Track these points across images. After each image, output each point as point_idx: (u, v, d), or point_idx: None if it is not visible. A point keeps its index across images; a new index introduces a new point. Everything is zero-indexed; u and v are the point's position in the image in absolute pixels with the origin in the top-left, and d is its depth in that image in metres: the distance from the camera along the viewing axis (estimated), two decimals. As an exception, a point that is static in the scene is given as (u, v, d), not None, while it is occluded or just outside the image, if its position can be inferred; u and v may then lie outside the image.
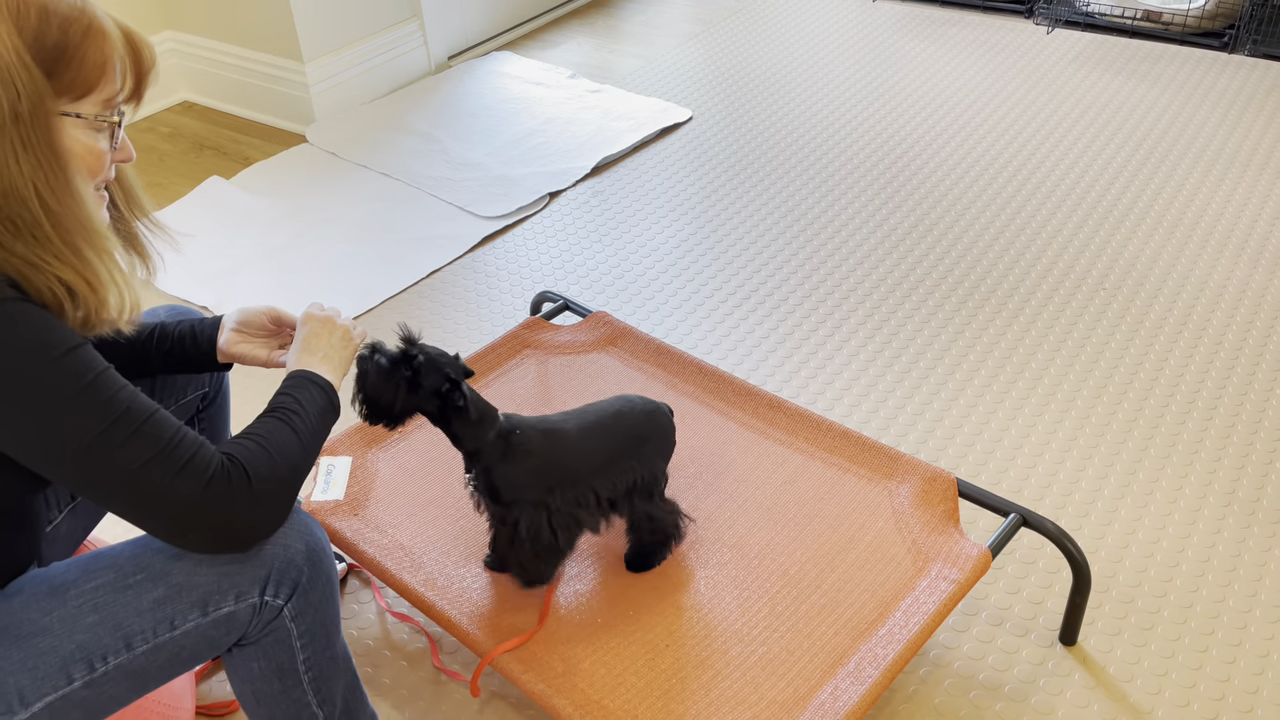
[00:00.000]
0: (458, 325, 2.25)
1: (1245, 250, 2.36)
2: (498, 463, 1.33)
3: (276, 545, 1.07)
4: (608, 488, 1.39)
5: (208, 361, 1.30)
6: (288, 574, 1.07)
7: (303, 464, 1.08)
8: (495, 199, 2.65)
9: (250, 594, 1.06)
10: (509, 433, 1.33)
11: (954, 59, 3.28)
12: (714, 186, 2.70)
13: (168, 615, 1.03)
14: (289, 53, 2.98)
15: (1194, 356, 2.07)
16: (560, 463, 1.36)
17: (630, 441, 1.40)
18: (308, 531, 1.10)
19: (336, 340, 1.21)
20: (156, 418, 0.97)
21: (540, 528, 1.35)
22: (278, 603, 1.08)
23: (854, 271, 2.36)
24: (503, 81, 3.25)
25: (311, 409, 1.11)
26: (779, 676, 1.32)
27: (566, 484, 1.36)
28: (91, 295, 0.96)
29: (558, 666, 1.34)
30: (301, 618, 1.10)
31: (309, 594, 1.10)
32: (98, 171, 0.99)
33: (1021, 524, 1.48)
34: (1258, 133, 2.80)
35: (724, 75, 3.26)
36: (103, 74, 0.96)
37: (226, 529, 1.01)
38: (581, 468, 1.37)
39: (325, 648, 1.15)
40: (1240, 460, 1.83)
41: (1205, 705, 1.45)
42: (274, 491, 1.03)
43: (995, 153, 2.78)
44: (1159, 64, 3.18)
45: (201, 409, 1.43)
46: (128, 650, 1.02)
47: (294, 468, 1.06)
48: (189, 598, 1.03)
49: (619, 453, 1.39)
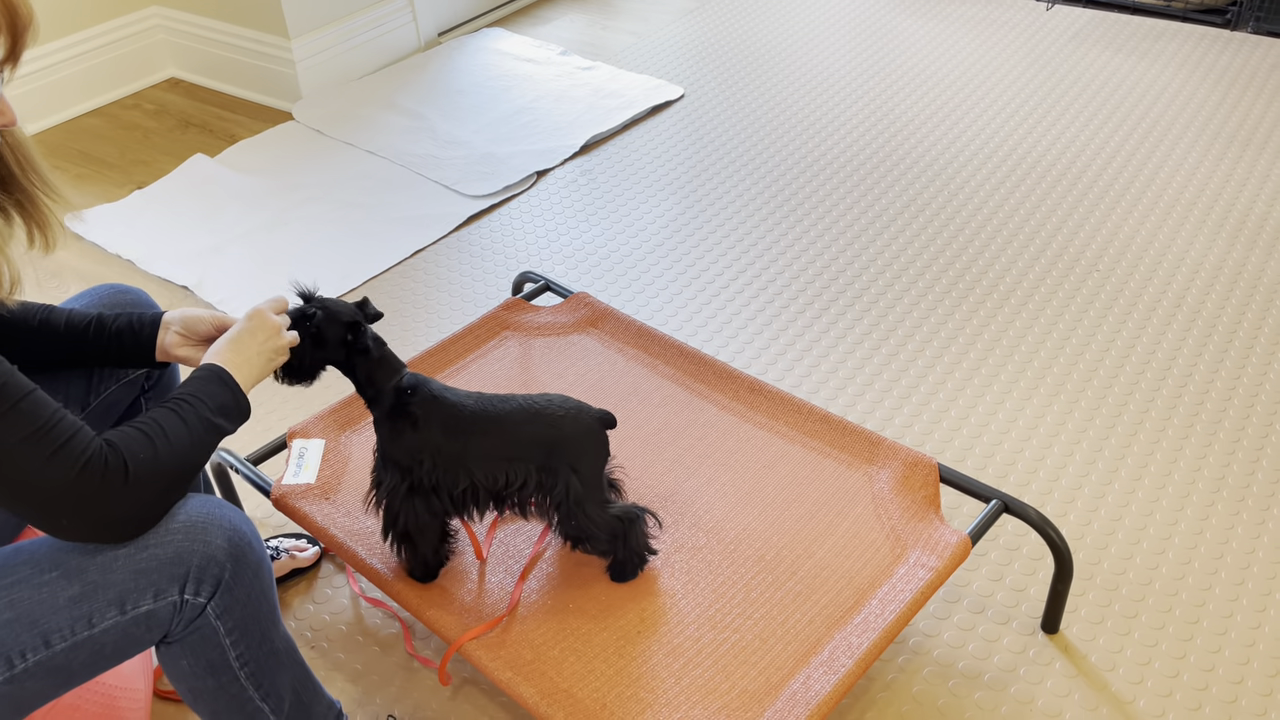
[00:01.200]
0: (440, 306, 2.22)
1: (1243, 230, 2.32)
2: (384, 418, 1.31)
3: (195, 541, 1.03)
4: (489, 481, 1.31)
5: (145, 359, 1.27)
6: (208, 571, 1.04)
7: (190, 459, 1.04)
8: (482, 178, 2.62)
9: (169, 592, 1.02)
10: (404, 390, 1.30)
11: (952, 36, 3.23)
12: (703, 166, 2.66)
13: (85, 613, 1.00)
14: (275, 29, 2.94)
15: (1186, 340, 2.03)
16: (440, 438, 1.30)
17: (531, 443, 1.31)
18: (230, 526, 1.06)
19: (268, 347, 1.17)
20: (33, 397, 0.94)
21: (396, 494, 1.31)
22: (199, 600, 1.04)
23: (842, 254, 2.33)
24: (493, 58, 3.20)
25: (211, 405, 1.08)
26: (750, 665, 1.30)
27: (441, 461, 1.30)
28: None
29: (526, 654, 1.32)
30: (228, 614, 1.07)
31: (233, 590, 1.06)
32: None
33: (1003, 510, 1.45)
34: (1260, 111, 2.75)
35: (717, 53, 3.22)
36: None
37: (99, 519, 0.98)
38: (463, 452, 1.30)
39: (261, 642, 1.12)
40: (1229, 447, 1.80)
41: (1188, 694, 1.43)
42: (151, 484, 1.00)
43: (991, 131, 2.73)
44: (1160, 41, 3.13)
45: (147, 388, 1.39)
46: (46, 648, 0.99)
47: (180, 462, 1.03)
48: (105, 595, 1.00)
49: (514, 451, 1.31)
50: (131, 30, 3.12)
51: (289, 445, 1.61)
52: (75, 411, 1.28)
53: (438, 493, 1.32)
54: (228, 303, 2.24)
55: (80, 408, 1.29)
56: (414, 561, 1.38)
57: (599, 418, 1.35)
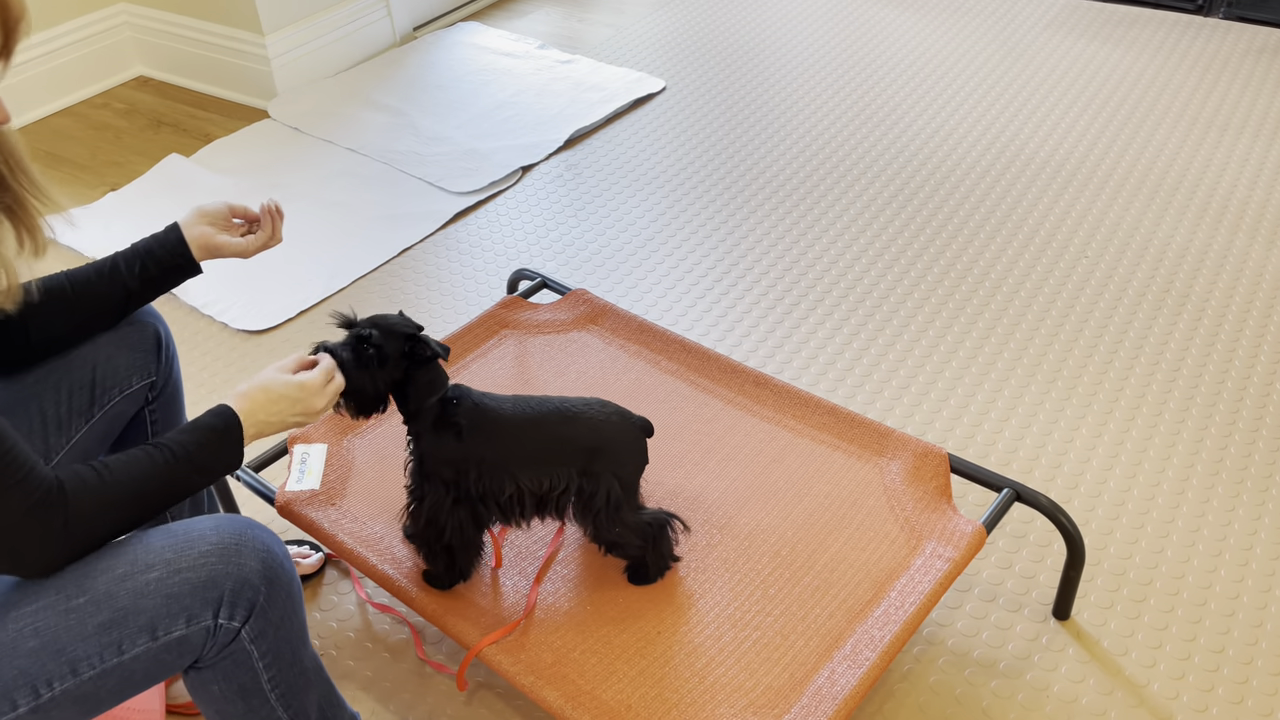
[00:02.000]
0: (432, 305, 2.20)
1: (1225, 215, 2.34)
2: (427, 430, 1.28)
3: (229, 564, 1.00)
4: (534, 484, 1.29)
5: (184, 264, 1.27)
6: (243, 595, 1.01)
7: (144, 514, 1.02)
8: (466, 174, 2.59)
9: (202, 617, 1.00)
10: (448, 401, 1.28)
11: (927, 24, 3.24)
12: (690, 158, 2.65)
13: (114, 640, 0.97)
14: (248, 25, 2.88)
15: (1177, 324, 2.05)
16: (486, 446, 1.28)
17: (571, 447, 1.29)
18: (263, 547, 1.03)
19: (293, 418, 1.14)
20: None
21: (440, 509, 1.29)
22: (233, 625, 1.02)
23: (835, 243, 2.32)
24: (470, 53, 3.17)
25: (200, 462, 1.05)
26: (774, 661, 1.29)
27: (486, 469, 1.28)
28: None
29: (547, 657, 1.30)
30: (262, 638, 1.04)
31: (268, 613, 1.04)
32: None
33: (1015, 499, 1.45)
34: (1234, 96, 2.78)
35: (696, 44, 3.20)
36: None
37: (24, 558, 0.96)
38: (508, 458, 1.28)
39: (292, 663, 1.09)
40: (1227, 428, 1.82)
41: (1200, 676, 1.44)
42: (87, 536, 0.98)
43: (973, 121, 2.75)
44: (1134, 27, 3.15)
45: (151, 400, 1.36)
46: (74, 676, 0.96)
47: (128, 515, 1.01)
48: (136, 622, 0.97)
49: (554, 455, 1.29)
50: (99, 28, 3.05)
51: (290, 451, 1.58)
52: (79, 423, 1.25)
53: (484, 501, 1.30)
54: (213, 306, 2.20)
55: (85, 419, 1.26)
56: (450, 573, 1.36)
57: (640, 425, 1.34)
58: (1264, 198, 2.39)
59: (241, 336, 2.14)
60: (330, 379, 1.17)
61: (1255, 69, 2.90)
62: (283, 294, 2.23)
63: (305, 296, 2.22)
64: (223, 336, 2.14)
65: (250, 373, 2.04)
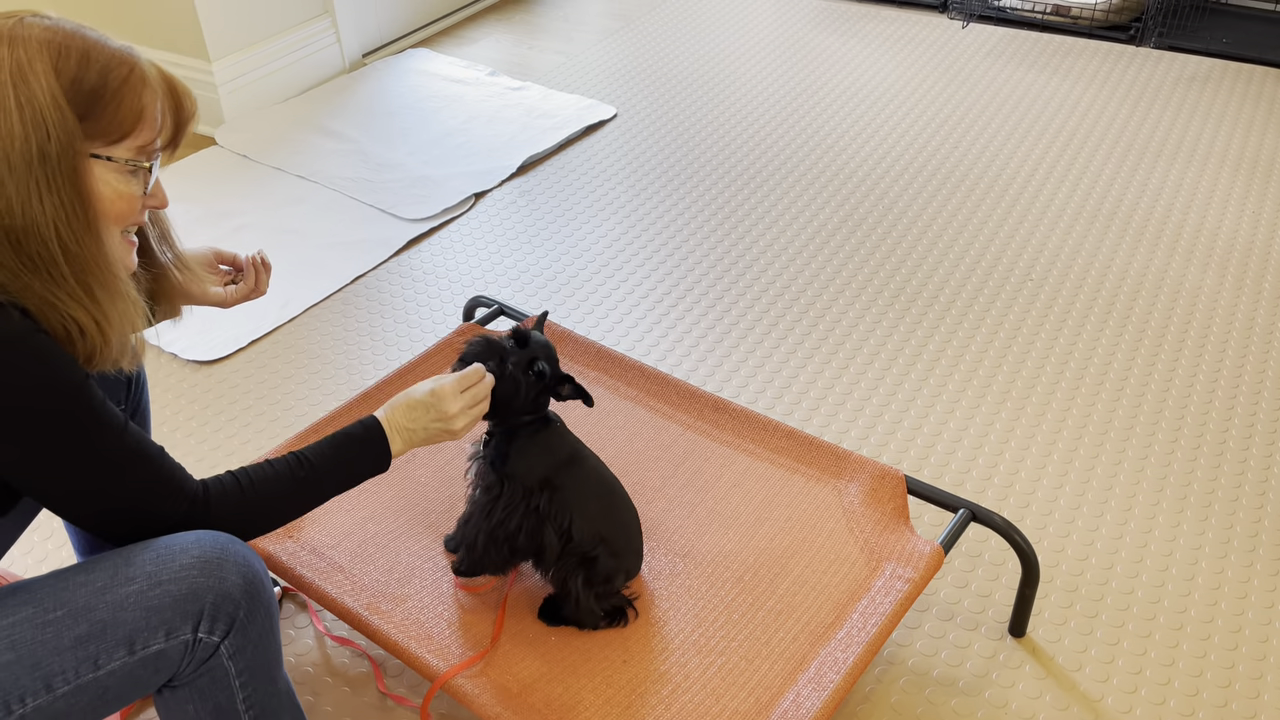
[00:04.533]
0: (386, 333, 2.18)
1: (1161, 238, 2.42)
2: (528, 435, 1.35)
3: (210, 577, 1.00)
4: (579, 535, 1.35)
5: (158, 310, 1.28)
6: (223, 609, 1.01)
7: (281, 522, 1.12)
8: (418, 201, 2.58)
9: (182, 630, 0.99)
10: (549, 420, 1.38)
11: (872, 54, 3.31)
12: (643, 184, 2.67)
13: (91, 654, 0.96)
14: (194, 50, 2.86)
15: (1119, 344, 2.11)
16: (567, 470, 1.37)
17: (621, 529, 1.39)
18: (244, 562, 1.04)
19: (435, 429, 1.20)
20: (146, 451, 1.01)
21: (514, 511, 1.35)
22: (213, 640, 1.01)
23: (787, 268, 2.36)
24: (421, 79, 3.16)
25: (343, 475, 1.15)
26: (740, 686, 1.30)
27: (558, 491, 1.36)
28: (98, 335, 0.98)
29: (512, 687, 1.29)
30: (240, 654, 1.04)
31: (247, 629, 1.03)
32: (127, 217, 1.00)
33: (971, 519, 1.48)
34: (1167, 123, 2.88)
35: (646, 71, 3.23)
36: (139, 121, 0.98)
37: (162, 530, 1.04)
38: (574, 493, 1.36)
39: (267, 683, 1.09)
40: (1170, 445, 1.87)
41: (1153, 690, 1.48)
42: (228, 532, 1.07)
43: (918, 148, 2.81)
44: (1069, 57, 3.25)
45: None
46: (47, 691, 0.95)
47: (266, 523, 1.10)
48: (114, 635, 0.97)
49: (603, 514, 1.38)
50: (39, 54, 3.00)
51: (246, 483, 1.56)
52: None
53: (548, 518, 1.35)
54: (163, 335, 2.16)
55: None
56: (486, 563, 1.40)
57: None
58: (1197, 221, 2.47)
59: (192, 367, 2.10)
60: (467, 388, 1.22)
61: (1186, 96, 3.00)
62: (233, 323, 2.20)
63: (256, 326, 2.19)
64: (173, 367, 2.10)
65: (201, 403, 2.01)
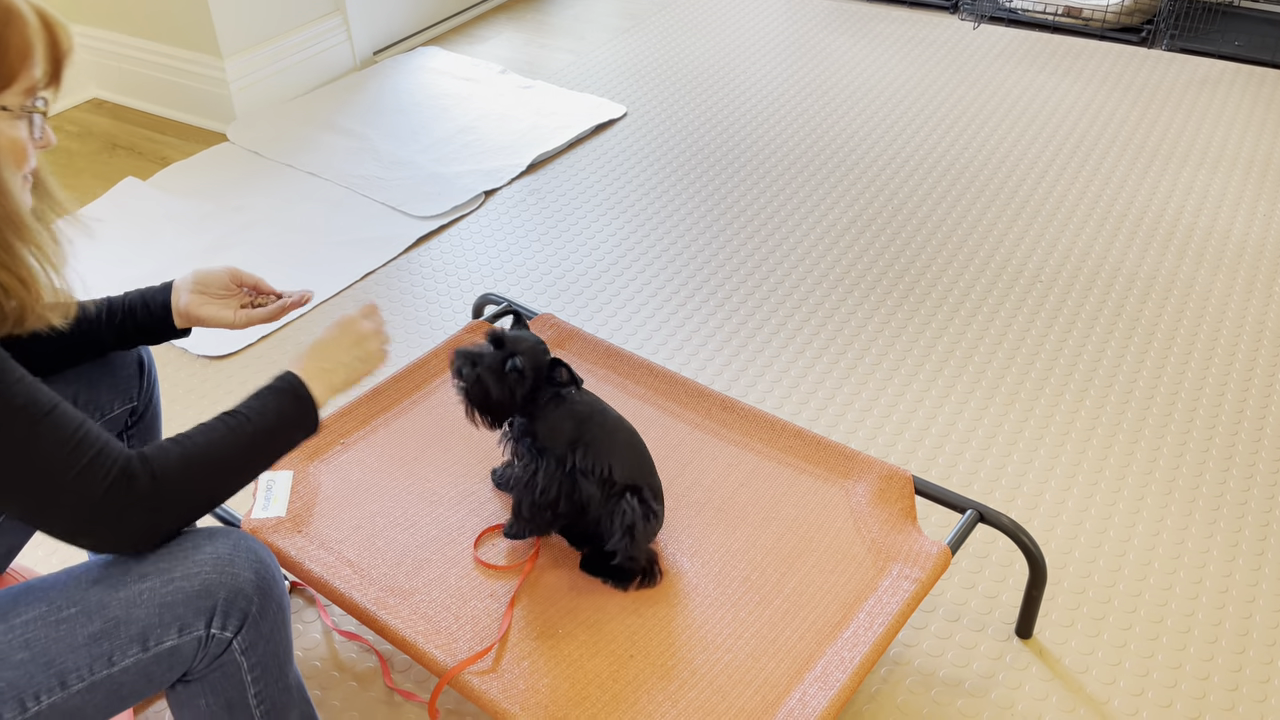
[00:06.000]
0: (396, 330, 2.19)
1: (1172, 240, 2.41)
2: (549, 412, 1.38)
3: (223, 574, 1.01)
4: (620, 475, 1.41)
5: (164, 328, 1.26)
6: (236, 604, 1.01)
7: (233, 478, 1.03)
8: (429, 198, 2.59)
9: (195, 626, 1.00)
10: (561, 396, 1.40)
11: (883, 54, 3.31)
12: (652, 184, 2.67)
13: (105, 651, 0.97)
14: (207, 48, 2.87)
15: (1129, 346, 2.11)
16: (592, 433, 1.40)
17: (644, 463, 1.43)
18: (256, 558, 1.04)
19: (355, 354, 1.17)
20: (58, 412, 0.92)
21: (553, 480, 1.39)
22: (226, 635, 1.02)
23: (796, 267, 2.36)
24: (431, 78, 3.17)
25: (273, 422, 1.06)
26: (746, 684, 1.30)
27: (589, 450, 1.39)
28: (24, 291, 0.93)
29: (519, 683, 1.30)
30: (253, 650, 1.05)
31: (259, 624, 1.04)
32: (22, 162, 0.95)
33: (979, 520, 1.48)
34: (1178, 125, 2.87)
35: (656, 71, 3.24)
36: (24, 62, 0.92)
37: (123, 533, 0.96)
38: (605, 447, 1.40)
39: (278, 678, 1.09)
40: (1179, 447, 1.87)
41: (1159, 693, 1.47)
42: (180, 498, 0.99)
43: (928, 148, 2.80)
44: (1080, 59, 3.25)
45: (130, 424, 1.35)
46: (62, 689, 0.95)
47: (217, 478, 1.02)
48: (128, 632, 0.97)
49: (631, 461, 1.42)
50: (52, 50, 3.01)
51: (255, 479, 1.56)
52: None
53: (586, 475, 1.39)
54: (172, 331, 2.17)
55: None
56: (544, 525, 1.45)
57: None
58: (1209, 223, 2.46)
59: (202, 362, 2.11)
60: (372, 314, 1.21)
61: (1198, 99, 3.00)
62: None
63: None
64: (182, 361, 2.11)
65: (211, 398, 2.02)
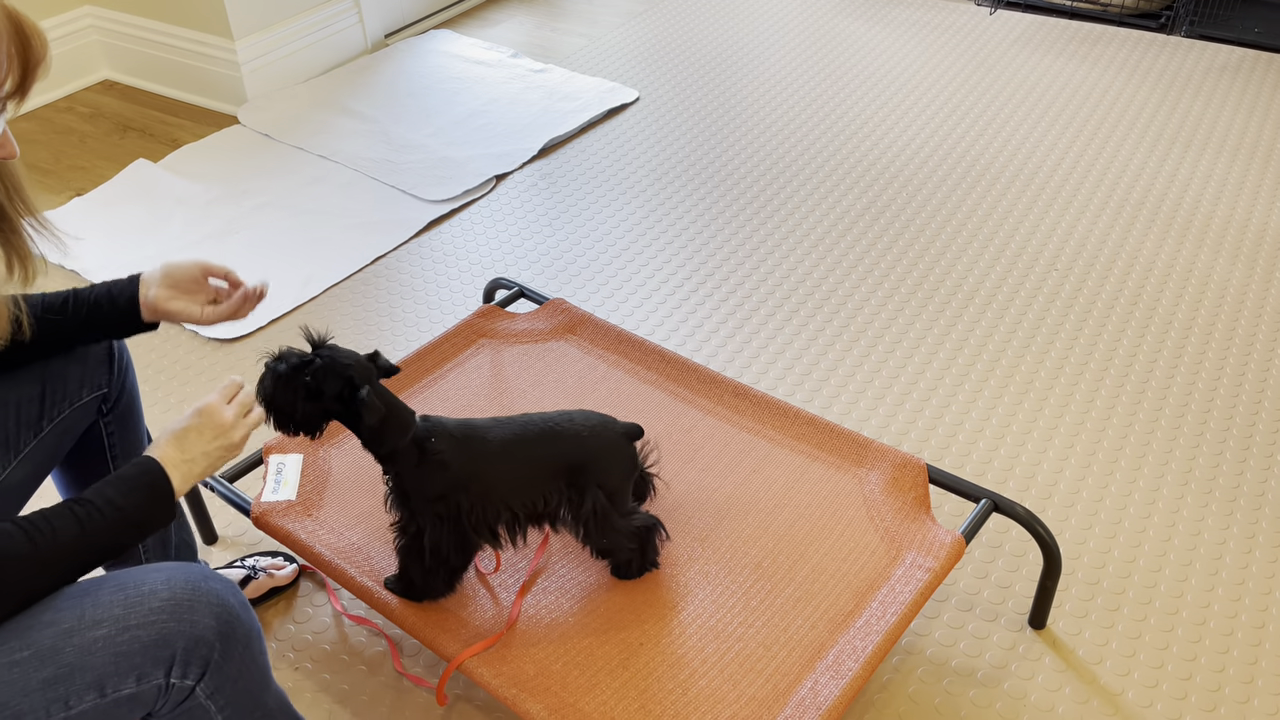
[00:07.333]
0: (406, 314, 2.18)
1: (1190, 229, 2.39)
2: (410, 470, 1.25)
3: (181, 621, 0.97)
4: (527, 507, 1.30)
5: (130, 322, 1.23)
6: (196, 653, 0.98)
7: (73, 573, 0.98)
8: (440, 182, 2.57)
9: (153, 676, 0.96)
10: (425, 439, 1.25)
11: (899, 40, 3.27)
12: (665, 168, 2.65)
13: (60, 695, 0.93)
14: (218, 29, 2.85)
15: (1145, 335, 2.08)
16: (473, 476, 1.27)
17: (558, 465, 1.30)
18: (217, 601, 0.99)
19: (215, 446, 1.09)
20: None
21: (441, 542, 1.28)
22: (187, 684, 0.98)
23: (809, 254, 2.34)
24: (443, 61, 3.15)
25: (126, 517, 1.00)
26: (757, 673, 1.29)
27: (477, 499, 1.28)
28: None
29: (529, 669, 1.29)
30: (219, 693, 1.01)
31: (224, 668, 1.00)
32: None
33: (993, 509, 1.47)
34: (1197, 112, 2.84)
35: (669, 55, 3.21)
36: None
37: None
38: (497, 484, 1.28)
39: (253, 709, 1.06)
40: (1195, 437, 1.85)
41: (1174, 684, 1.46)
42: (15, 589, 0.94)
43: (944, 134, 2.78)
44: (1098, 45, 3.21)
45: (106, 411, 1.32)
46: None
47: (53, 582, 0.96)
48: (82, 679, 0.93)
49: (541, 474, 1.30)
50: (63, 31, 3.01)
51: (265, 461, 1.56)
52: (28, 436, 1.21)
53: (477, 529, 1.29)
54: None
55: (33, 432, 1.22)
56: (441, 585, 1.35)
57: (624, 432, 1.34)
58: (1227, 213, 2.44)
59: (213, 345, 2.11)
60: (230, 398, 1.13)
61: (1217, 86, 2.96)
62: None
63: (277, 305, 2.19)
64: (193, 345, 2.11)
65: (221, 381, 2.01)
